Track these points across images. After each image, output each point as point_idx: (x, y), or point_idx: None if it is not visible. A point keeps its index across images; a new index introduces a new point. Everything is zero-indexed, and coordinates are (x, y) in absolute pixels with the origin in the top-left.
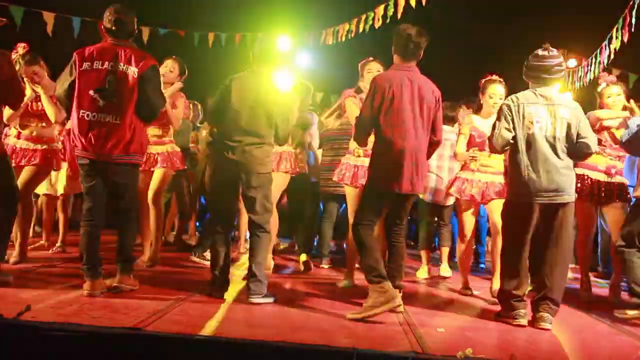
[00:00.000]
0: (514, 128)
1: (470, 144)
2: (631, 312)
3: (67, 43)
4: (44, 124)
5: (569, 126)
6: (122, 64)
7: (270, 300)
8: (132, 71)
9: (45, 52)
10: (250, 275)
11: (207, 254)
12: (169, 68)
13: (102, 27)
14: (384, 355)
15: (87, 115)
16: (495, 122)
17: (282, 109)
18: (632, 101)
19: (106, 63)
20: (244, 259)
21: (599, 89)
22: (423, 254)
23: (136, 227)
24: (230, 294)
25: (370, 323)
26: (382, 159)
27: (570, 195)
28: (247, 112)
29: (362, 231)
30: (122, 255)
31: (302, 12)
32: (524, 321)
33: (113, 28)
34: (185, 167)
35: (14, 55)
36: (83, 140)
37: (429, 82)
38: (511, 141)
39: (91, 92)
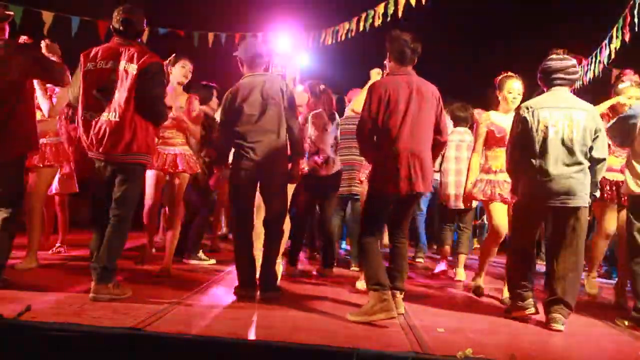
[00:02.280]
0: (530, 134)
1: (489, 140)
2: (628, 324)
3: (66, 42)
4: (41, 118)
5: (584, 130)
6: (124, 62)
7: (277, 294)
8: (133, 68)
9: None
10: (262, 270)
11: (202, 254)
12: (187, 68)
13: (111, 27)
14: (384, 355)
15: (90, 115)
16: (508, 145)
17: (290, 104)
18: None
19: (110, 62)
20: None
21: (620, 86)
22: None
23: (126, 234)
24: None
25: (368, 324)
26: (380, 164)
27: (583, 200)
28: (259, 112)
29: (365, 239)
30: (101, 263)
31: (302, 12)
32: (533, 310)
33: (121, 28)
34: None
35: None
36: (86, 140)
37: (427, 84)
38: (519, 149)
39: (94, 92)
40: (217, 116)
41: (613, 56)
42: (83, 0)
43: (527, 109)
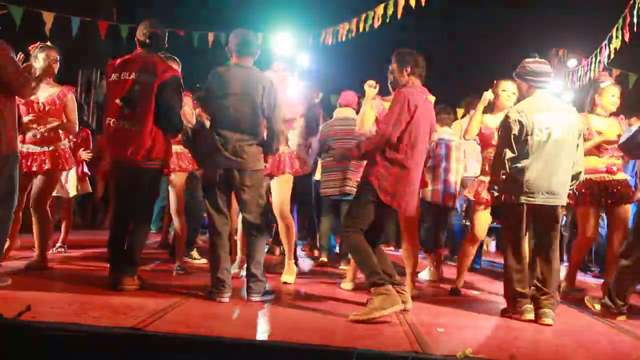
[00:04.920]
0: (523, 137)
1: (482, 140)
2: (599, 308)
3: (66, 43)
4: (47, 125)
5: (572, 133)
6: (146, 74)
7: (270, 297)
8: (154, 81)
9: None
10: (249, 275)
11: (194, 253)
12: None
13: (136, 39)
14: (384, 355)
15: (113, 123)
16: (498, 146)
17: (270, 103)
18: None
19: (133, 74)
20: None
21: (602, 85)
22: (427, 256)
23: (147, 230)
24: (231, 295)
25: (370, 323)
26: (390, 174)
27: (564, 199)
28: (234, 106)
29: (354, 237)
30: (127, 258)
31: (302, 12)
32: (531, 315)
33: (147, 41)
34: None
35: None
36: (109, 145)
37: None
38: (513, 155)
39: (117, 101)
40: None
41: (613, 56)
42: (83, 1)
43: (519, 112)
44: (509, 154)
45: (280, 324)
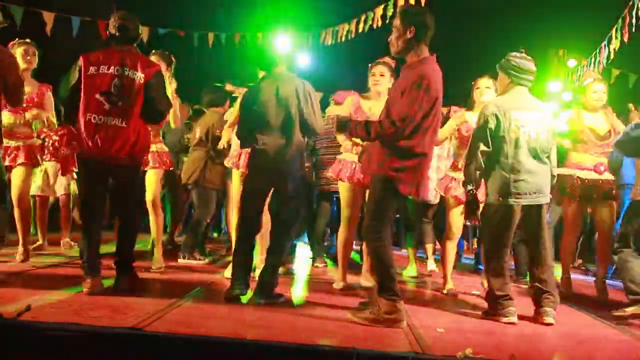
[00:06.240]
0: (501, 134)
1: (460, 138)
2: (629, 309)
3: (66, 43)
4: (19, 121)
5: (548, 132)
6: (128, 69)
7: (279, 300)
8: (138, 76)
9: (44, 52)
10: (261, 276)
11: (196, 254)
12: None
13: (107, 32)
14: (384, 355)
15: (94, 118)
16: (472, 140)
17: (309, 105)
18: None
19: (112, 68)
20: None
21: (584, 83)
22: (410, 251)
23: (137, 228)
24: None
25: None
26: (407, 165)
27: (547, 197)
28: (272, 114)
29: (381, 248)
30: (120, 256)
31: (302, 12)
32: (514, 319)
33: (117, 34)
34: (173, 168)
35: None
36: (90, 143)
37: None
38: (487, 149)
39: (97, 96)
40: (227, 117)
41: (612, 56)
42: (84, 0)
43: (497, 107)
44: (482, 148)
45: (280, 324)
